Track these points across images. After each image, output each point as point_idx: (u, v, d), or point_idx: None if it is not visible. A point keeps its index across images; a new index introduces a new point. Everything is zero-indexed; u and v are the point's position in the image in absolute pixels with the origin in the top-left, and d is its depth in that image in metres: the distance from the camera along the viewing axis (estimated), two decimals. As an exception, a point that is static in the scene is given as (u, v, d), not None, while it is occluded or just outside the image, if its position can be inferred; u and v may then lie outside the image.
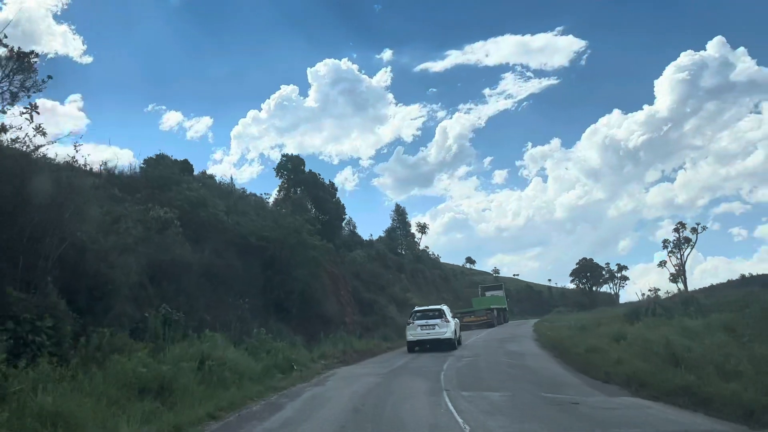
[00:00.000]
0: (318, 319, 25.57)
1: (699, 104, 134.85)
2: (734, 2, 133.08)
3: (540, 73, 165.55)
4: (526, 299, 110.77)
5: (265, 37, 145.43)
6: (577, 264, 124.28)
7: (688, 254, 67.51)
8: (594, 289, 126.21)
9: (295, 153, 48.93)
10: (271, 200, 26.66)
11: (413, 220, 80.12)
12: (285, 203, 25.40)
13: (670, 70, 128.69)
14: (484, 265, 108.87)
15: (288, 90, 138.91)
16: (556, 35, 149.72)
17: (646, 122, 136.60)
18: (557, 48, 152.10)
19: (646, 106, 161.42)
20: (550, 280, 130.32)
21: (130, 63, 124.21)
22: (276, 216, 23.01)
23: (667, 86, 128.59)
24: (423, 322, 22.44)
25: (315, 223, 24.36)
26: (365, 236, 59.26)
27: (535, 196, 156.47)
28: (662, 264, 67.22)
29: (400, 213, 75.88)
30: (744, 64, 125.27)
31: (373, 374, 14.93)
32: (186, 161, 29.81)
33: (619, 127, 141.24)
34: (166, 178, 21.56)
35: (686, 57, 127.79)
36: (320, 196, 29.72)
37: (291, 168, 29.27)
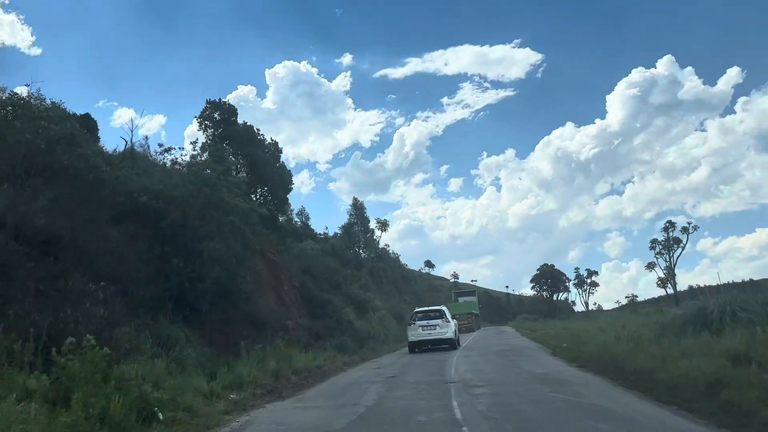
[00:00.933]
0: (246, 321, 17.90)
1: (648, 120, 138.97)
2: (684, 23, 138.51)
3: (497, 84, 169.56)
4: (485, 306, 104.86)
5: (223, 36, 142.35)
6: (537, 270, 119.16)
7: (678, 256, 62.93)
8: (555, 296, 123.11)
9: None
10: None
11: (373, 217, 72.90)
12: (203, 163, 17.47)
13: (621, 86, 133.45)
14: (439, 271, 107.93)
15: (245, 90, 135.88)
16: (513, 47, 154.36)
17: (597, 136, 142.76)
18: (514, 60, 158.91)
19: (598, 120, 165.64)
20: (507, 286, 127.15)
21: (81, 57, 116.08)
22: (184, 175, 15.26)
23: (618, 101, 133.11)
24: (424, 322, 22.67)
25: (241, 186, 16.80)
26: (319, 230, 52.14)
27: (489, 205, 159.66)
28: (650, 266, 62.18)
29: (358, 208, 68.48)
30: (691, 83, 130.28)
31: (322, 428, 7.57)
32: (88, 116, 21.41)
33: (572, 139, 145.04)
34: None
35: (637, 74, 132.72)
36: (258, 157, 21.95)
37: (218, 120, 21.50)
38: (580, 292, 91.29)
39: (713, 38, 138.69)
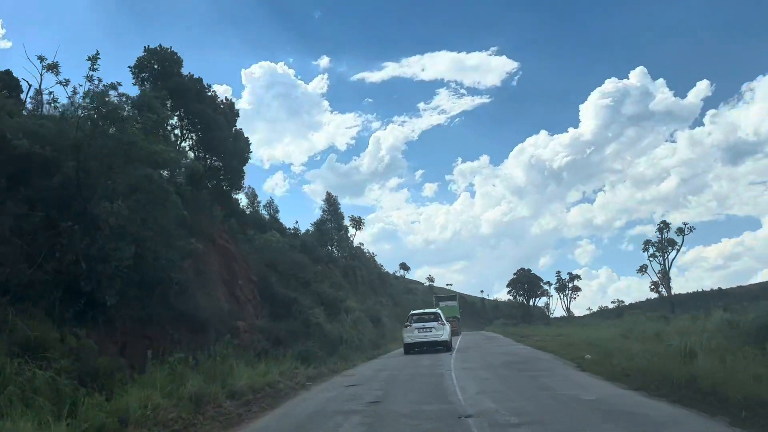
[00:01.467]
0: (180, 321, 13.49)
1: (620, 130, 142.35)
2: (657, 36, 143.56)
3: (473, 91, 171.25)
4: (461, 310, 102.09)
5: (199, 34, 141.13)
6: (514, 274, 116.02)
7: (674, 258, 59.45)
8: (532, 301, 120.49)
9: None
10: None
11: (347, 213, 68.55)
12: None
13: (595, 96, 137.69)
14: (413, 275, 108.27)
15: (220, 90, 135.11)
16: (490, 55, 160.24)
17: (570, 144, 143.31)
18: (491, 67, 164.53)
19: (571, 129, 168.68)
20: (482, 291, 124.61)
21: (51, 51, 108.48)
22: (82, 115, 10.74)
23: (591, 111, 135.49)
24: (420, 325, 23.12)
25: (164, 124, 12.36)
26: (289, 224, 47.89)
27: (463, 210, 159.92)
28: (643, 269, 59.06)
29: (331, 203, 64.16)
30: (662, 95, 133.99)
31: None
32: (9, 73, 16.61)
33: (545, 147, 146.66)
34: None
35: (610, 84, 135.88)
36: (207, 117, 17.31)
37: (158, 70, 16.88)
38: (562, 296, 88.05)
39: (684, 52, 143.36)
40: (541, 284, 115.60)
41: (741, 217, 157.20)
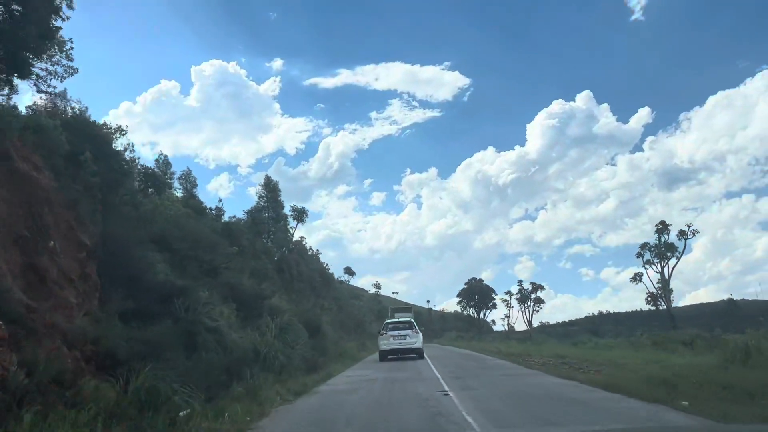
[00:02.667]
0: None
1: (564, 151, 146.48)
2: (603, 62, 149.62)
3: (425, 104, 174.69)
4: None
5: (149, 26, 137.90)
6: (465, 284, 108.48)
7: (674, 266, 51.81)
8: (483, 313, 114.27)
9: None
10: None
11: (288, 203, 58.78)
12: None
13: (541, 116, 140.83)
14: (357, 283, 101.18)
15: (169, 85, 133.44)
16: (443, 69, 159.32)
17: (516, 162, 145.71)
18: (443, 82, 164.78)
19: (517, 147, 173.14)
20: (428, 301, 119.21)
21: None
22: None
23: (537, 130, 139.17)
24: (396, 332, 24.07)
25: None
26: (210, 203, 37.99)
27: (409, 221, 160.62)
28: (637, 278, 51.66)
29: (270, 189, 54.43)
30: (606, 119, 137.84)
31: None
32: None
33: (492, 163, 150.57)
34: None
35: (557, 105, 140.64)
36: None
37: None
38: (523, 308, 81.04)
39: (629, 79, 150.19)
40: (493, 295, 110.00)
41: (673, 240, 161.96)
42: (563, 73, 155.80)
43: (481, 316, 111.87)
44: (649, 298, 49.88)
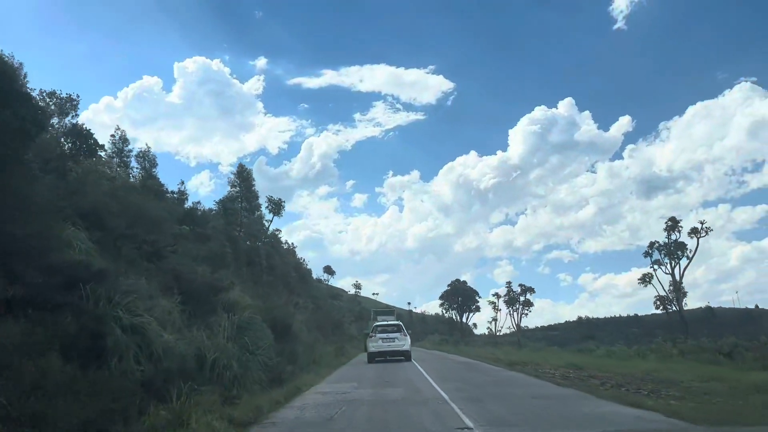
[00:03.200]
0: None
1: (545, 157, 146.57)
2: (585, 69, 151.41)
3: (409, 107, 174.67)
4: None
5: (133, 21, 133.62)
6: (448, 285, 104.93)
7: (686, 267, 47.49)
8: (465, 316, 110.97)
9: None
10: None
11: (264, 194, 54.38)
12: None
13: (524, 122, 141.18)
14: (336, 284, 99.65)
15: (151, 81, 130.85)
16: (428, 73, 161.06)
17: (498, 167, 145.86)
18: (427, 85, 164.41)
19: (499, 152, 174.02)
20: (409, 303, 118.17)
21: None
22: None
23: (520, 136, 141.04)
24: (384, 335, 24.21)
25: None
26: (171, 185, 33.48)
27: (391, 223, 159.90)
28: (646, 279, 47.65)
29: (244, 178, 50.17)
30: (587, 127, 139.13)
31: None
32: None
33: (474, 168, 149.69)
34: None
35: (539, 111, 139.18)
36: None
37: None
38: (511, 311, 77.48)
39: (610, 87, 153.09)
40: (476, 298, 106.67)
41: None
42: (546, 80, 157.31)
43: (464, 319, 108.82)
44: (658, 302, 46.05)
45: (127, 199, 16.83)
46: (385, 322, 27.24)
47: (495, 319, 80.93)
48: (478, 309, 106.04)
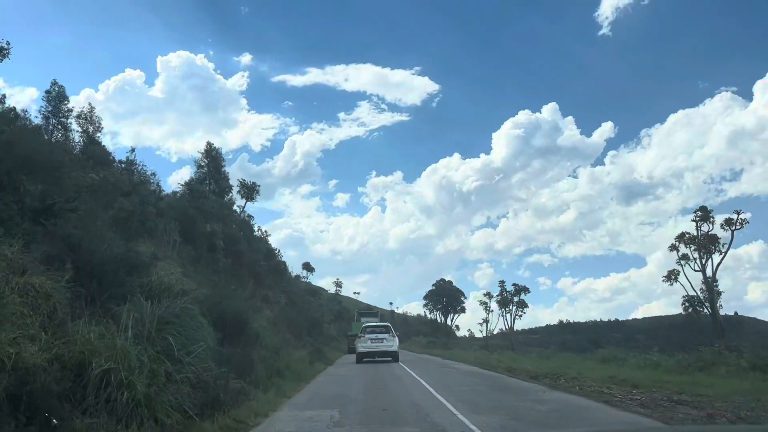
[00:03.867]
0: None
1: (528, 161, 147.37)
2: (570, 75, 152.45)
3: (394, 108, 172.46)
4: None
5: (116, 13, 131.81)
6: (433, 285, 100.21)
7: (719, 263, 41.44)
8: (450, 317, 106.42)
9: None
10: None
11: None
12: None
13: (508, 125, 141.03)
14: (317, 282, 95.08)
15: (133, 75, 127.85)
16: (413, 74, 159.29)
17: (481, 170, 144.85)
18: (413, 86, 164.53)
19: (482, 155, 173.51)
20: (391, 303, 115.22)
21: None
22: None
23: (503, 139, 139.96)
24: (373, 336, 24.63)
25: None
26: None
27: (373, 224, 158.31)
28: (672, 277, 42.42)
29: (213, 157, 44.97)
30: (570, 132, 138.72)
31: None
32: None
33: (457, 170, 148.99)
34: None
35: (523, 115, 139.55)
36: None
37: None
38: (504, 312, 72.78)
39: (594, 93, 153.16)
40: (462, 299, 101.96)
41: (629, 254, 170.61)
42: (531, 84, 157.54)
43: (449, 320, 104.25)
44: (686, 303, 41.12)
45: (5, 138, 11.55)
46: (374, 323, 27.82)
47: (486, 321, 76.12)
48: (463, 310, 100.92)
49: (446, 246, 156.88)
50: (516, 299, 69.49)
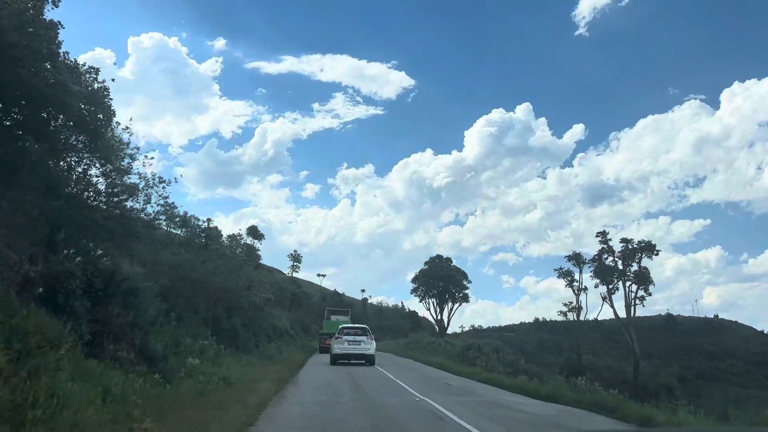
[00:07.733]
0: None
1: (499, 159, 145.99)
2: (545, 75, 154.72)
3: (369, 101, 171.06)
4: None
5: None
6: (425, 263, 73.20)
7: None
8: (447, 308, 77.87)
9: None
10: None
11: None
12: None
13: (480, 123, 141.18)
14: (273, 265, 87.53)
15: (103, 54, 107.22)
16: (390, 68, 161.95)
17: (452, 166, 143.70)
18: (389, 80, 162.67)
19: (454, 152, 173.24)
20: (363, 290, 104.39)
21: None
22: None
23: (476, 137, 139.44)
24: (351, 338, 24.19)
25: None
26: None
27: (341, 217, 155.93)
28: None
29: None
30: (542, 133, 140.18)
31: None
32: None
33: (428, 165, 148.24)
34: None
35: (497, 114, 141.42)
36: None
37: None
38: (610, 289, 57.69)
39: (567, 95, 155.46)
40: (465, 282, 71.51)
41: (592, 255, 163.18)
42: (506, 83, 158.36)
43: (445, 313, 72.07)
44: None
45: None
46: (351, 325, 27.90)
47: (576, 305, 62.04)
48: (466, 299, 72.27)
49: (414, 242, 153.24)
50: (631, 269, 57.10)
